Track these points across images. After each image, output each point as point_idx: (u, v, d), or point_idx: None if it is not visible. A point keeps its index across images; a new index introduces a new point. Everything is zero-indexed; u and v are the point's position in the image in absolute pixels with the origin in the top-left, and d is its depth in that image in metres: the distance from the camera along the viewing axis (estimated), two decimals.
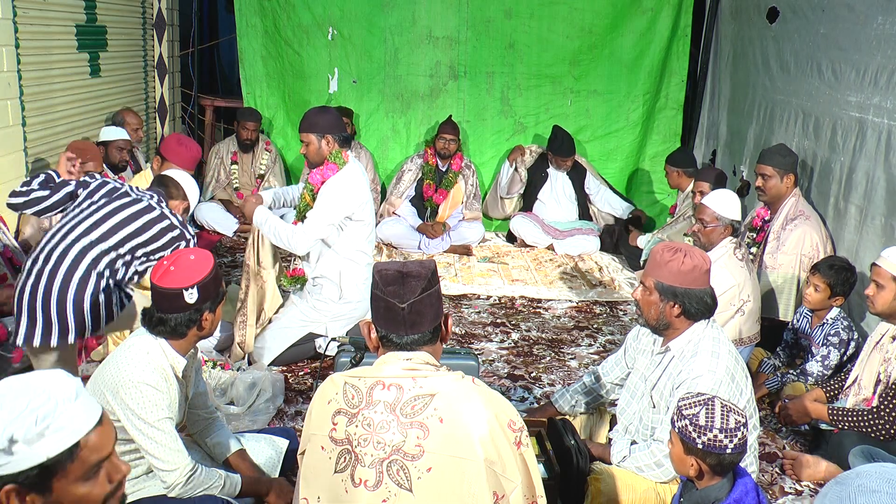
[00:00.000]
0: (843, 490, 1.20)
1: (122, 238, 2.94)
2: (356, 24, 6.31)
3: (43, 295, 2.82)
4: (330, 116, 3.66)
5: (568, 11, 6.30)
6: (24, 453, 1.18)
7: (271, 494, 2.47)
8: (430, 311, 1.78)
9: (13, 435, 1.18)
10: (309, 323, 3.77)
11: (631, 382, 2.65)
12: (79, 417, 1.25)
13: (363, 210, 3.69)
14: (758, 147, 5.07)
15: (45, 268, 2.85)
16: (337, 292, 3.75)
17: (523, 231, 6.07)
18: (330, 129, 3.60)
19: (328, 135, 3.60)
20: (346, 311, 3.78)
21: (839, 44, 4.23)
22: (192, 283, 2.23)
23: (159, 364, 2.23)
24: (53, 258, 2.86)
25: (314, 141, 3.61)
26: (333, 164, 3.63)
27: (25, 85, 4.14)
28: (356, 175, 3.66)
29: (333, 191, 3.59)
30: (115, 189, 3.05)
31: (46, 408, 1.21)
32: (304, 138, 3.64)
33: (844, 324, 3.46)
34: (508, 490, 1.68)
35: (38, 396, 1.22)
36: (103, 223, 2.94)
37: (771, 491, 2.94)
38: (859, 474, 1.22)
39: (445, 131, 5.97)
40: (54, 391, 1.24)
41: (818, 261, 3.65)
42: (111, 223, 2.94)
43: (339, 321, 3.78)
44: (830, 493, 1.23)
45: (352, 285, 3.76)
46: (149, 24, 6.17)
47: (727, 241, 3.56)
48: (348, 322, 3.81)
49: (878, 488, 1.17)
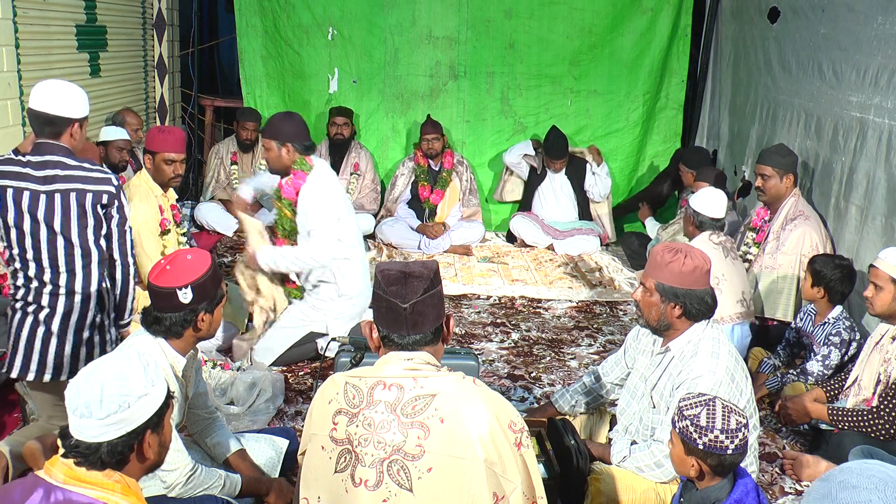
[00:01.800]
0: (827, 486, 1.24)
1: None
2: (356, 24, 6.31)
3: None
4: (293, 124, 3.63)
5: (568, 11, 6.29)
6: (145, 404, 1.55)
7: (271, 494, 2.47)
8: (432, 312, 1.78)
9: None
10: (309, 322, 3.77)
11: (631, 383, 2.65)
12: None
13: (343, 207, 3.68)
14: (759, 147, 5.07)
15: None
16: (335, 290, 3.75)
17: (523, 231, 6.07)
18: (291, 138, 3.57)
19: (288, 143, 3.57)
20: (346, 307, 3.78)
21: (840, 44, 4.23)
22: (187, 283, 2.23)
23: (159, 364, 2.23)
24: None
25: (274, 148, 3.59)
26: (301, 172, 3.61)
27: (25, 85, 4.13)
28: (326, 176, 3.65)
29: (316, 200, 3.57)
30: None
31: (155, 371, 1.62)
32: (266, 144, 3.63)
33: (846, 324, 3.46)
34: (508, 491, 1.68)
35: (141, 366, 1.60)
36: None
37: (771, 491, 2.94)
38: (843, 470, 1.25)
39: (426, 132, 5.96)
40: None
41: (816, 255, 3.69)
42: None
43: (339, 319, 3.78)
44: (815, 489, 1.26)
45: (349, 281, 3.75)
46: (149, 24, 6.17)
47: (709, 234, 3.75)
48: (349, 319, 3.81)
49: (859, 484, 1.20)
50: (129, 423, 1.53)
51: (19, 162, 2.59)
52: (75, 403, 1.51)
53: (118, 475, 1.55)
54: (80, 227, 2.64)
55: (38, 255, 2.63)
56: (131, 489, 1.56)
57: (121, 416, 1.51)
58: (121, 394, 1.52)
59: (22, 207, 2.59)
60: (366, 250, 5.75)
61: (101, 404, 1.50)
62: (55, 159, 2.59)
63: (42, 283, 2.65)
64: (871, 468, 1.24)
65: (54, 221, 2.61)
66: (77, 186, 2.61)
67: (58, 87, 2.61)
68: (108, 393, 1.51)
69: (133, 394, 1.53)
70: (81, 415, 1.50)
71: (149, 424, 1.57)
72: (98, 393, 1.50)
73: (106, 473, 1.53)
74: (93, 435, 1.50)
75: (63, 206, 2.61)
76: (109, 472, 1.54)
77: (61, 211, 2.61)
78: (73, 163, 2.62)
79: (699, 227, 3.81)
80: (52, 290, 2.66)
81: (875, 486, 1.19)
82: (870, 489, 1.19)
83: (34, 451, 2.56)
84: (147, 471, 1.64)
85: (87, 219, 2.64)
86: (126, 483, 1.55)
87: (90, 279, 2.70)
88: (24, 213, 2.59)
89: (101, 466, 1.53)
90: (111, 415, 1.50)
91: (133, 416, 1.53)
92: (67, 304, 2.68)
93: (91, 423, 1.50)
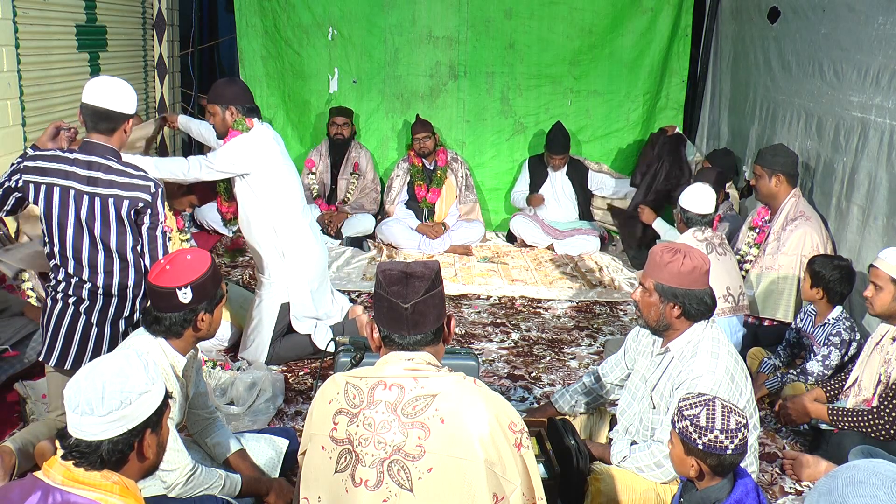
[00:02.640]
0: (833, 482, 1.25)
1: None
2: (356, 24, 6.31)
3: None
4: (236, 88, 3.67)
5: (568, 11, 6.29)
6: (145, 402, 1.56)
7: (271, 494, 2.47)
8: (433, 312, 1.78)
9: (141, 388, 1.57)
10: (270, 297, 3.74)
11: (631, 384, 2.65)
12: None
13: (273, 169, 3.63)
14: (759, 148, 5.07)
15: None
16: (276, 253, 3.71)
17: (523, 231, 6.07)
18: (233, 101, 3.60)
19: (231, 105, 3.59)
20: (295, 269, 3.74)
21: (840, 44, 4.23)
22: (186, 283, 2.23)
23: (159, 363, 2.23)
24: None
25: (219, 112, 3.60)
26: (236, 131, 3.61)
27: (25, 85, 4.14)
28: (259, 136, 3.62)
29: (231, 144, 3.56)
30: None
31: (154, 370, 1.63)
32: (210, 109, 3.63)
33: (846, 324, 3.46)
34: (508, 491, 1.68)
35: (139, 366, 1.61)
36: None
37: (771, 491, 2.94)
38: (850, 467, 1.27)
39: (417, 131, 5.96)
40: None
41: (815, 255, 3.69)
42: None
43: (296, 283, 3.74)
44: (820, 485, 1.28)
45: (290, 240, 3.71)
46: (149, 24, 6.17)
47: (696, 230, 3.79)
48: (307, 282, 3.77)
49: (865, 480, 1.22)
50: (131, 421, 1.53)
51: (66, 160, 2.61)
52: (76, 401, 1.51)
53: (116, 476, 1.55)
54: (117, 234, 2.66)
55: (78, 255, 2.66)
56: (130, 490, 1.56)
57: (122, 412, 1.52)
58: (122, 390, 1.52)
59: (67, 207, 2.62)
60: (366, 250, 5.79)
61: (103, 401, 1.50)
62: (100, 161, 2.61)
63: (81, 280, 2.68)
64: (878, 466, 1.25)
65: (94, 226, 2.63)
66: (115, 192, 2.62)
67: (114, 84, 2.66)
68: (110, 390, 1.51)
69: (134, 390, 1.54)
70: (83, 412, 1.50)
71: (149, 423, 1.57)
72: (100, 390, 1.51)
73: (104, 475, 1.53)
74: (94, 433, 1.50)
75: (102, 211, 2.62)
76: (107, 473, 1.54)
77: (100, 217, 2.63)
78: (117, 167, 2.63)
79: (686, 224, 3.83)
80: (90, 288, 2.69)
81: (882, 483, 1.20)
82: (876, 485, 1.20)
83: (45, 453, 2.57)
84: (145, 472, 1.63)
85: (123, 226, 2.66)
86: (124, 484, 1.55)
87: (126, 281, 2.72)
88: (69, 213, 2.62)
89: (100, 466, 1.52)
90: (113, 411, 1.50)
91: (134, 413, 1.53)
92: (105, 301, 2.71)
93: (92, 421, 1.50)
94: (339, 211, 5.98)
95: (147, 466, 1.62)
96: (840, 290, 3.49)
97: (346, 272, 5.27)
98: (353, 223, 5.92)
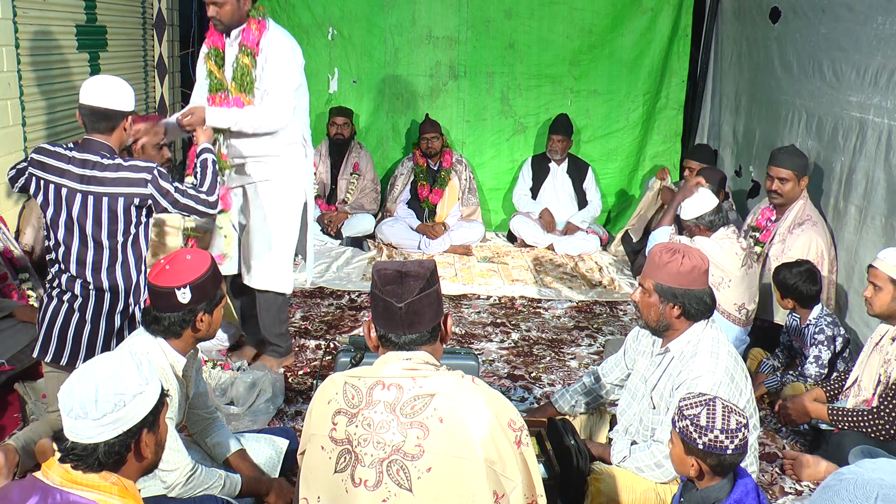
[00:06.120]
0: (840, 476, 1.27)
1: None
2: (356, 24, 6.31)
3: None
4: None
5: (568, 11, 6.29)
6: (141, 402, 1.56)
7: (271, 494, 2.47)
8: (429, 311, 1.78)
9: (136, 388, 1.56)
10: (290, 200, 3.48)
11: (631, 384, 2.65)
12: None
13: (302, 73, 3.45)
14: (762, 148, 5.07)
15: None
16: (301, 154, 3.51)
17: (523, 231, 6.07)
18: None
19: None
20: (307, 163, 3.57)
21: (840, 44, 4.23)
22: (185, 283, 2.23)
23: (159, 363, 2.23)
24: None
25: (231, 0, 3.28)
26: (261, 21, 3.27)
27: (25, 85, 4.13)
28: (288, 34, 3.39)
29: (286, 52, 3.25)
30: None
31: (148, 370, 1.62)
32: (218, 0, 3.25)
33: (828, 320, 3.50)
34: (508, 489, 1.68)
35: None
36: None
37: (771, 491, 2.94)
38: (859, 465, 1.28)
39: (425, 131, 5.96)
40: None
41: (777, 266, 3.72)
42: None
43: (308, 176, 3.56)
44: (830, 478, 1.29)
45: (308, 152, 3.56)
46: (149, 25, 6.17)
47: (725, 229, 3.75)
48: (310, 174, 3.60)
49: (873, 475, 1.23)
50: (125, 423, 1.53)
51: (64, 157, 2.64)
52: (70, 405, 1.50)
53: (115, 477, 1.54)
54: (109, 232, 2.68)
55: (69, 250, 2.69)
56: (128, 491, 1.56)
57: (116, 415, 1.51)
58: (116, 392, 1.51)
59: (60, 204, 2.65)
60: (366, 250, 5.79)
61: (97, 404, 1.49)
62: (95, 159, 2.62)
63: (73, 275, 2.71)
64: (887, 465, 1.26)
65: (86, 224, 2.65)
66: (110, 191, 2.63)
67: (110, 82, 2.67)
68: (103, 392, 1.51)
69: (128, 392, 1.53)
70: (77, 416, 1.49)
71: (145, 423, 1.57)
72: (93, 393, 1.50)
73: (102, 475, 1.53)
74: (89, 436, 1.50)
75: (95, 209, 2.64)
76: (106, 473, 1.53)
77: (93, 214, 2.65)
78: (112, 164, 2.64)
79: (710, 228, 3.76)
80: (83, 283, 2.71)
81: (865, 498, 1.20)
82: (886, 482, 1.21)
83: (45, 451, 2.58)
84: (144, 471, 1.63)
85: (117, 223, 2.67)
86: (123, 485, 1.55)
87: (119, 276, 2.73)
88: (62, 209, 2.65)
89: (98, 468, 1.52)
90: (107, 414, 1.50)
91: (129, 414, 1.53)
92: (97, 296, 2.73)
93: (87, 424, 1.49)
94: (339, 211, 5.99)
95: (146, 465, 1.62)
96: (808, 293, 3.53)
97: (346, 272, 5.27)
98: (353, 223, 5.93)
